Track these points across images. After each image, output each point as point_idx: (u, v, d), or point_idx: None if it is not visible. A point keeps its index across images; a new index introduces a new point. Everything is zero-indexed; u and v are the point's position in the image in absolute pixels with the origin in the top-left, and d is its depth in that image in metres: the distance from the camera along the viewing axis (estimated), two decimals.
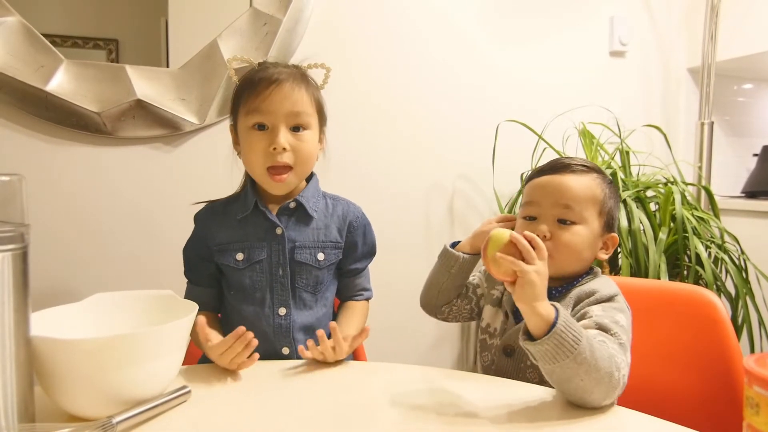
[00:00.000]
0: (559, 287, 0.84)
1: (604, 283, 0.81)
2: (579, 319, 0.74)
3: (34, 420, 0.59)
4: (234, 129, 0.93)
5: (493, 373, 0.85)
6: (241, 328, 0.76)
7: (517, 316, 0.84)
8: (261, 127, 0.86)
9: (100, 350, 0.59)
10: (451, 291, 0.94)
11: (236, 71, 0.92)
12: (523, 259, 0.66)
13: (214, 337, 0.81)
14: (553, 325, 0.63)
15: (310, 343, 0.82)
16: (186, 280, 0.97)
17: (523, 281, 0.65)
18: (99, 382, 0.60)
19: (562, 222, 0.81)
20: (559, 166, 0.85)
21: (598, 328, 0.71)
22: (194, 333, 0.84)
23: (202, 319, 0.79)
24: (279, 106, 0.85)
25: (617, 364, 0.65)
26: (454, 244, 0.94)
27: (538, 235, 0.71)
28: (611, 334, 0.70)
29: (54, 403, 0.63)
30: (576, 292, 0.81)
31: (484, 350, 0.89)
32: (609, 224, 0.85)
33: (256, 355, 0.78)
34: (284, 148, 0.85)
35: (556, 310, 0.64)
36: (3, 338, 0.55)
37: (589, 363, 0.63)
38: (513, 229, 0.83)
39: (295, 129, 0.87)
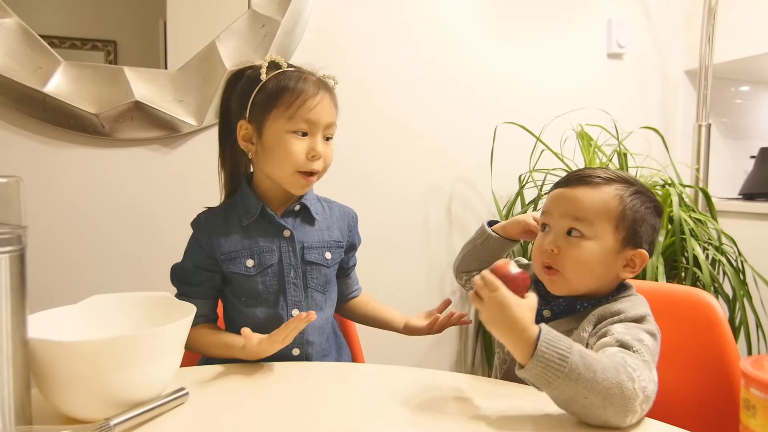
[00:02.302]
0: (585, 303, 0.80)
1: (634, 304, 0.77)
2: (600, 338, 0.71)
3: (31, 422, 0.59)
4: (256, 128, 0.89)
5: (504, 371, 0.85)
6: (302, 314, 0.78)
7: (539, 318, 0.81)
8: (303, 133, 0.89)
9: (97, 352, 0.59)
10: (473, 262, 0.98)
11: (252, 69, 0.91)
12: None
13: (251, 333, 0.80)
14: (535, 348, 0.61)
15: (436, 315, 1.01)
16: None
17: (485, 322, 0.65)
18: (96, 384, 0.60)
19: (571, 234, 0.78)
20: (573, 179, 0.82)
21: (619, 345, 0.67)
22: (207, 345, 0.87)
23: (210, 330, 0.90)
24: (321, 117, 0.88)
25: (629, 374, 0.61)
26: (492, 223, 0.97)
27: (544, 249, 0.78)
28: (633, 351, 0.66)
29: (51, 406, 0.63)
30: (600, 310, 0.77)
31: (499, 347, 0.89)
32: (632, 239, 0.78)
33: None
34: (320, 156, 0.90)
35: (540, 331, 0.62)
36: (0, 340, 0.55)
37: (586, 378, 0.59)
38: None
39: (326, 138, 0.92)
